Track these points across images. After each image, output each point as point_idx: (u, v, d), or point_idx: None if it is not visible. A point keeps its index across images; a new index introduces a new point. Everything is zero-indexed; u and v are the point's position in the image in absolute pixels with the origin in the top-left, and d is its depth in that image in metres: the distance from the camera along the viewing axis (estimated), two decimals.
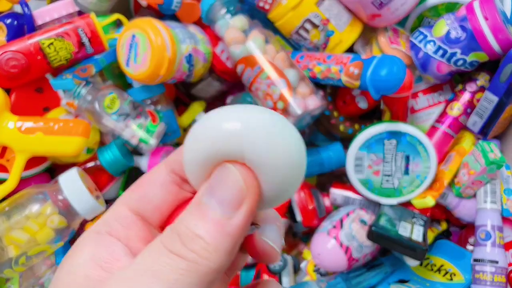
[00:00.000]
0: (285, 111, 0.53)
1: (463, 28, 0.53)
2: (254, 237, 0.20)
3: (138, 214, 0.21)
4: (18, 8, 0.57)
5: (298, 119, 0.53)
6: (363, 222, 0.56)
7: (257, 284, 0.22)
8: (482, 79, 0.58)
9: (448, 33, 0.54)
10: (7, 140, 0.49)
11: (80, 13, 0.58)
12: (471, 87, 0.59)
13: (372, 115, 0.64)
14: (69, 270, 0.19)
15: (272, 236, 0.20)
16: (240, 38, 0.55)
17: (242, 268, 0.61)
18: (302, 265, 0.62)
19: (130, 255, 0.20)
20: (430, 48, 0.56)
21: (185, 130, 0.63)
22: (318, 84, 0.57)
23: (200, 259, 0.16)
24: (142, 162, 0.57)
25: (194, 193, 0.22)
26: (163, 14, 0.58)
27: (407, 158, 0.57)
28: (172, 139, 0.60)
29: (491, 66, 0.57)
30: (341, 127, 0.61)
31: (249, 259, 0.58)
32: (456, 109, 0.59)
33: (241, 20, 0.55)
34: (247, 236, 0.20)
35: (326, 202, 0.62)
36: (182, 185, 0.22)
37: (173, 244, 0.17)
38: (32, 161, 0.53)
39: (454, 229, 0.64)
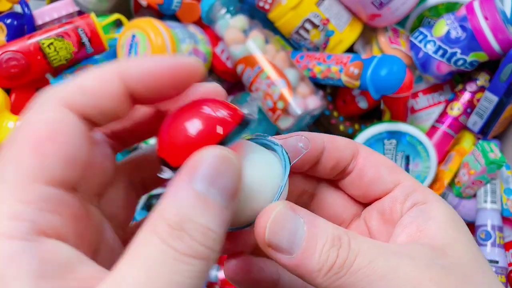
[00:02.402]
0: (285, 111, 0.53)
1: (463, 28, 0.53)
2: None
3: (64, 183, 0.15)
4: (18, 8, 0.57)
5: (298, 119, 0.53)
6: None
7: None
8: (482, 79, 0.58)
9: (448, 33, 0.54)
10: None
11: (80, 13, 0.58)
12: (471, 87, 0.59)
13: (372, 115, 0.64)
14: None
15: None
16: (240, 38, 0.55)
17: None
18: None
19: (85, 258, 0.15)
20: (430, 48, 0.56)
21: None
22: (318, 84, 0.57)
23: (213, 253, 0.15)
24: None
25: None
26: (163, 14, 0.58)
27: (407, 158, 0.57)
28: None
29: (491, 66, 0.57)
30: (341, 127, 0.61)
31: None
32: (456, 109, 0.59)
33: (241, 20, 0.55)
34: None
35: None
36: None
37: (184, 243, 0.14)
38: None
39: None
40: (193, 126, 0.17)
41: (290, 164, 0.19)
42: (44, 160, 0.14)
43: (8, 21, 0.54)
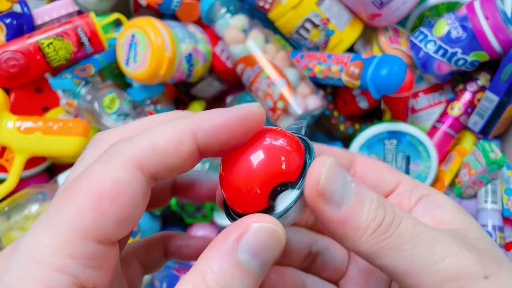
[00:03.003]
0: (285, 111, 0.53)
1: (463, 27, 0.53)
2: None
3: (113, 241, 0.16)
4: (17, 8, 0.57)
5: (298, 119, 0.53)
6: None
7: None
8: (483, 79, 0.58)
9: (448, 32, 0.54)
10: (6, 140, 0.49)
11: (79, 12, 0.58)
12: (471, 86, 0.59)
13: (373, 115, 0.64)
14: None
15: None
16: (240, 38, 0.55)
17: None
18: None
19: None
20: (430, 48, 0.55)
21: None
22: (318, 84, 0.57)
23: None
24: None
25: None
26: (163, 13, 0.57)
27: (408, 158, 0.56)
28: None
29: (492, 65, 0.57)
30: (342, 127, 0.61)
31: None
32: (456, 109, 0.59)
33: (241, 20, 0.55)
34: None
35: None
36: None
37: None
38: (32, 161, 0.53)
39: None
40: (261, 171, 0.17)
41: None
42: (102, 220, 0.15)
43: (8, 20, 0.54)
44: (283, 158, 0.17)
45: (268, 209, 0.17)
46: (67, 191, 0.15)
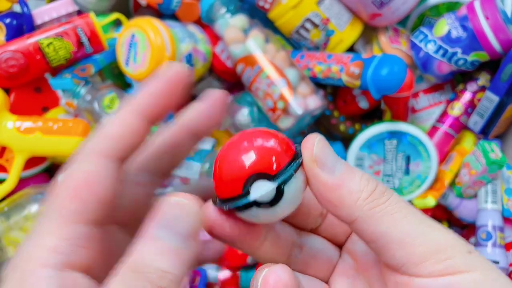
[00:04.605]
0: (285, 111, 0.53)
1: (464, 27, 0.53)
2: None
3: (97, 221, 0.19)
4: (17, 8, 0.57)
5: (298, 119, 0.53)
6: None
7: None
8: (483, 79, 0.58)
9: (449, 32, 0.54)
10: (6, 140, 0.49)
11: (79, 12, 0.58)
12: (472, 86, 0.59)
13: (373, 115, 0.64)
14: None
15: None
16: (240, 38, 0.55)
17: (242, 268, 0.60)
18: None
19: None
20: (430, 48, 0.55)
21: None
22: (318, 84, 0.57)
23: None
24: None
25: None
26: (163, 13, 0.57)
27: (408, 158, 0.56)
28: None
29: (492, 65, 0.57)
30: (342, 127, 0.61)
31: (249, 260, 0.58)
32: (457, 108, 0.59)
33: (241, 19, 0.55)
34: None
35: None
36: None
37: (142, 286, 0.16)
38: (31, 161, 0.53)
39: (455, 229, 0.63)
40: (241, 160, 0.19)
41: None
42: (81, 204, 0.18)
43: (7, 20, 0.54)
44: (262, 151, 0.19)
45: (242, 195, 0.19)
46: (56, 189, 0.19)
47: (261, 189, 0.18)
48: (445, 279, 0.18)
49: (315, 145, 0.19)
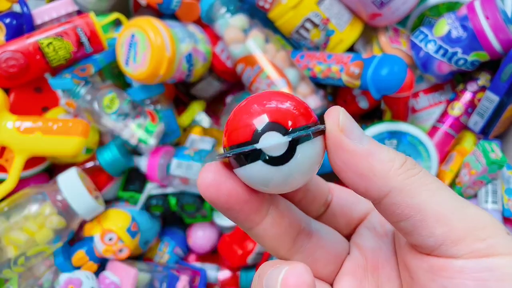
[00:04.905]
0: None
1: (464, 27, 0.53)
2: None
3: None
4: (17, 8, 0.57)
5: None
6: None
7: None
8: (483, 79, 0.58)
9: (449, 32, 0.54)
10: (6, 140, 0.49)
11: (79, 12, 0.58)
12: (472, 86, 0.59)
13: (373, 115, 0.64)
14: None
15: None
16: (240, 38, 0.55)
17: (242, 268, 0.60)
18: None
19: None
20: (431, 48, 0.55)
21: (185, 129, 0.63)
22: (318, 84, 0.57)
23: None
24: (142, 162, 0.56)
25: None
26: (163, 13, 0.57)
27: None
28: (172, 139, 0.60)
29: (492, 65, 0.57)
30: None
31: (249, 260, 0.58)
32: (457, 108, 0.59)
33: (241, 19, 0.55)
34: None
35: None
36: None
37: None
38: (31, 161, 0.53)
39: None
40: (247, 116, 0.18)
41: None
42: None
43: (7, 20, 0.54)
44: (282, 107, 0.17)
45: (251, 141, 0.17)
46: None
47: (272, 140, 0.17)
48: (488, 260, 0.16)
49: (340, 114, 0.18)
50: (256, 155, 0.17)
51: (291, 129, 0.17)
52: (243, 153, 0.17)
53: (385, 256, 0.21)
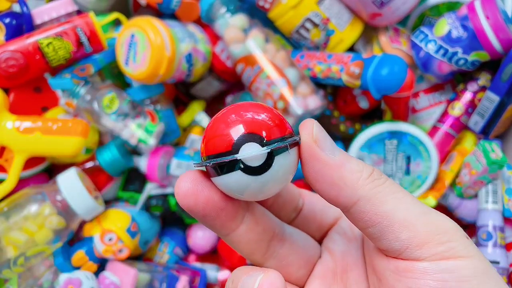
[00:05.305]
0: (285, 111, 0.53)
1: (464, 27, 0.53)
2: None
3: None
4: (17, 8, 0.56)
5: (299, 119, 0.53)
6: None
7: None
8: (484, 79, 0.58)
9: (449, 32, 0.54)
10: (5, 140, 0.49)
11: (79, 12, 0.58)
12: (472, 86, 0.59)
13: (373, 115, 0.64)
14: None
15: None
16: (240, 37, 0.55)
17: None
18: None
19: None
20: (431, 48, 0.55)
21: (185, 129, 0.63)
22: (318, 84, 0.57)
23: None
24: (141, 162, 0.56)
25: None
26: (163, 13, 0.57)
27: (408, 158, 0.56)
28: (172, 139, 0.59)
29: (493, 65, 0.57)
30: (342, 127, 0.61)
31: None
32: (457, 108, 0.59)
33: (241, 19, 0.55)
34: None
35: None
36: None
37: None
38: (31, 161, 0.52)
39: None
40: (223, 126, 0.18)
41: None
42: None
43: (7, 20, 0.54)
44: (260, 118, 0.18)
45: (231, 151, 0.18)
46: None
47: (252, 150, 0.18)
48: (448, 263, 0.17)
49: (314, 127, 0.19)
50: (235, 165, 0.18)
51: (268, 140, 0.18)
52: (222, 163, 0.18)
53: (354, 260, 0.22)
